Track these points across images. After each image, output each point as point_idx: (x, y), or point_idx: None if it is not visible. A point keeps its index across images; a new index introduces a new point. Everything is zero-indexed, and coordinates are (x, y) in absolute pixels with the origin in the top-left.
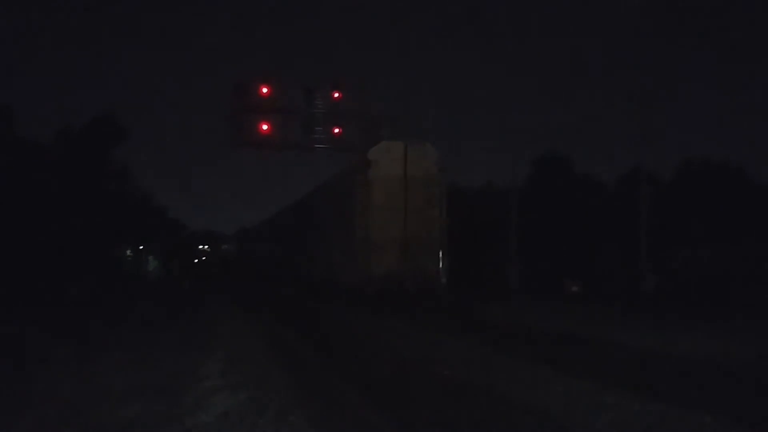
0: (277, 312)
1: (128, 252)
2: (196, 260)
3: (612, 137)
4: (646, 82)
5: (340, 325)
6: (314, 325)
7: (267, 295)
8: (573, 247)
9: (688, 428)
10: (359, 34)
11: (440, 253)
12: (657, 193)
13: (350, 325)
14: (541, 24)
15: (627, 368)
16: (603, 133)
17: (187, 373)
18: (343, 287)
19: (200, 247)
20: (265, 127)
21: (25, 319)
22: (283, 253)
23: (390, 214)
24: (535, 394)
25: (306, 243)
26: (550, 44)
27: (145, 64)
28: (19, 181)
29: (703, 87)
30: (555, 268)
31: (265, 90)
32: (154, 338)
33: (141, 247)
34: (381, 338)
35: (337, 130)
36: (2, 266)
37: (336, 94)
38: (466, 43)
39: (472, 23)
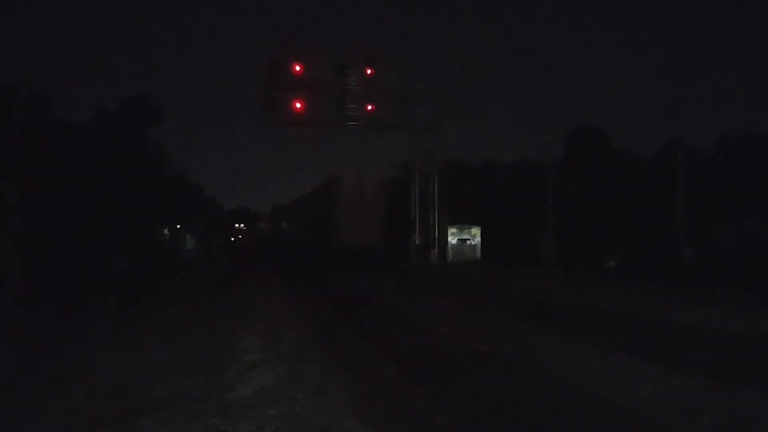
0: (289, 271)
1: (166, 231)
2: (232, 238)
3: (649, 111)
4: (684, 54)
5: (313, 276)
6: (304, 278)
7: (285, 263)
8: (610, 221)
9: (728, 403)
10: (392, 8)
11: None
12: (695, 166)
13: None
14: None
15: (665, 343)
16: (640, 106)
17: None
18: (325, 256)
19: (236, 225)
20: (298, 105)
21: (69, 295)
22: (299, 232)
23: (351, 210)
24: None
25: (311, 225)
26: (586, 17)
27: (178, 42)
28: (59, 163)
29: (743, 59)
30: (591, 242)
31: (297, 68)
32: (193, 313)
33: (178, 226)
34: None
35: (370, 107)
36: (48, 245)
37: (369, 71)
38: (499, 17)
39: None
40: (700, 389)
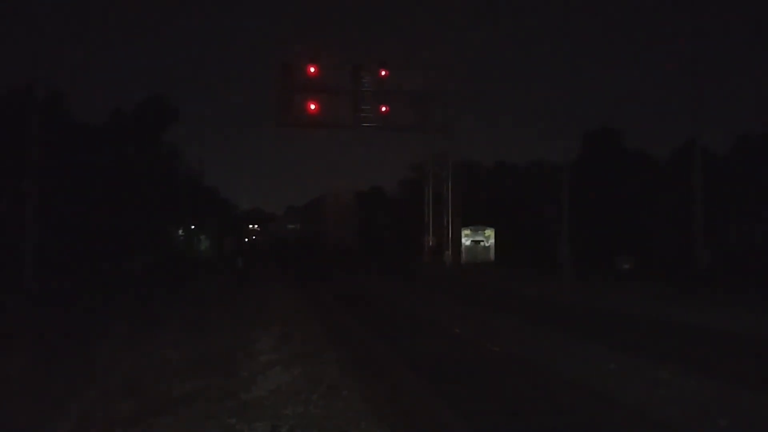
0: (297, 270)
1: (180, 232)
2: (246, 239)
3: (665, 112)
4: (701, 54)
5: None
6: (311, 276)
7: (292, 262)
8: (625, 223)
9: (744, 406)
10: (406, 10)
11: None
12: (712, 166)
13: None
14: None
15: (679, 345)
16: (656, 107)
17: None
18: (318, 252)
19: (250, 226)
20: (312, 106)
21: (86, 294)
22: (300, 234)
23: (335, 219)
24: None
25: (311, 228)
26: (601, 15)
27: (193, 44)
28: (75, 163)
29: (762, 58)
30: (607, 244)
31: (312, 69)
32: (209, 313)
33: (193, 227)
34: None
35: (384, 108)
36: (64, 244)
37: (383, 72)
38: (514, 17)
39: None
40: (715, 392)
